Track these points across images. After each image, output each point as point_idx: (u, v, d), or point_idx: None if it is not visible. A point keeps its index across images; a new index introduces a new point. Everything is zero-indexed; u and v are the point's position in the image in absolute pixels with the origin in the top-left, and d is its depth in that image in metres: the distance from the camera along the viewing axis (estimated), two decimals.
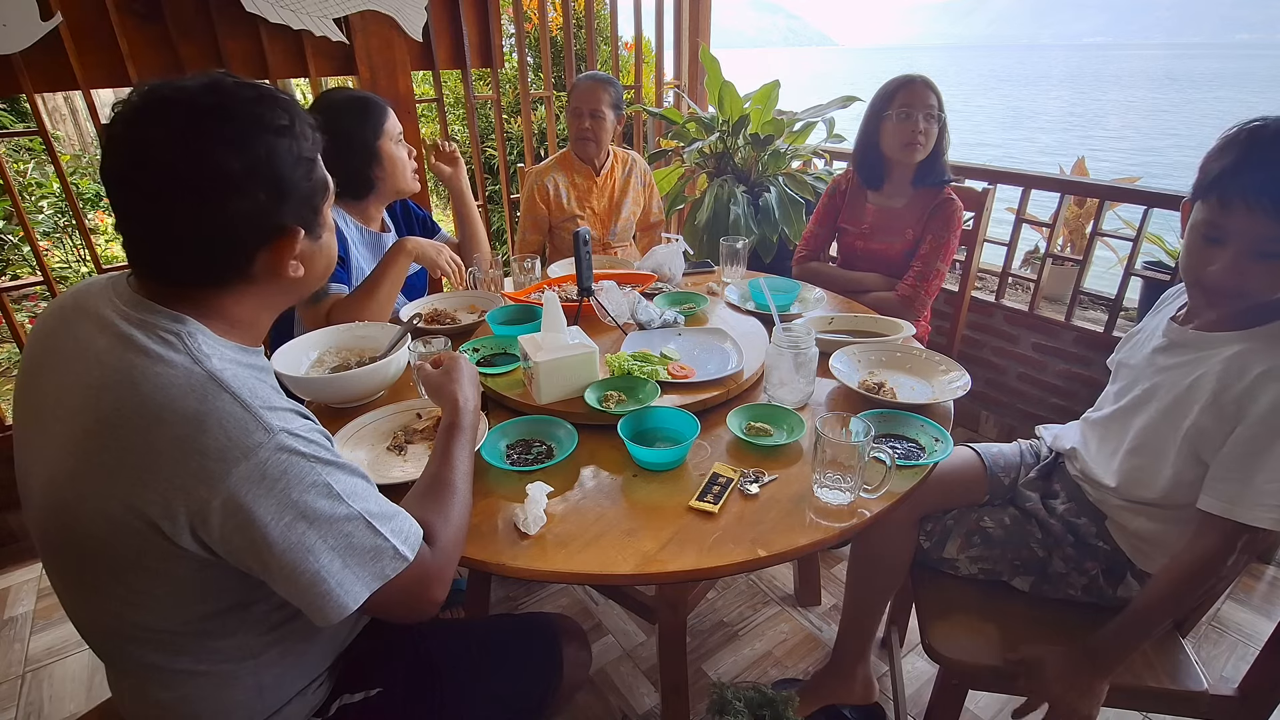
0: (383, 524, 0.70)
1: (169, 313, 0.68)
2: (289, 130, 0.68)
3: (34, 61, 1.68)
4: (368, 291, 1.45)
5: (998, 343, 2.43)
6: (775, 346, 1.15)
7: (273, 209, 0.68)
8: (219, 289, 0.70)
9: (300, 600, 0.67)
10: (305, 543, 0.65)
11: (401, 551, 0.70)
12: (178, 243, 0.66)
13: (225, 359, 0.68)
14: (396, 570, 0.70)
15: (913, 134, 1.71)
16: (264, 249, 0.69)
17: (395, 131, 1.57)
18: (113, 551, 0.66)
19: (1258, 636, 1.64)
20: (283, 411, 0.67)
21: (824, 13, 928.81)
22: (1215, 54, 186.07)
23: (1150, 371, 1.07)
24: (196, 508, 0.62)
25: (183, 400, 0.62)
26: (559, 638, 1.01)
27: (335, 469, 0.68)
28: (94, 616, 0.75)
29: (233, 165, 0.64)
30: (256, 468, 0.62)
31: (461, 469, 0.86)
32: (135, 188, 0.65)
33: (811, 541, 0.89)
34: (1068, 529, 1.16)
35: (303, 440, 0.66)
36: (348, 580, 0.67)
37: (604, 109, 2.07)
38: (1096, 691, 0.97)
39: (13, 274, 3.57)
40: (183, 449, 0.61)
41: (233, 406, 0.63)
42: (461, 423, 0.92)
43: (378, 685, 0.90)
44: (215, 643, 0.74)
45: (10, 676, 1.62)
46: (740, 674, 1.57)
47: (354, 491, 0.69)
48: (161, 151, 0.63)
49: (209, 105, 0.65)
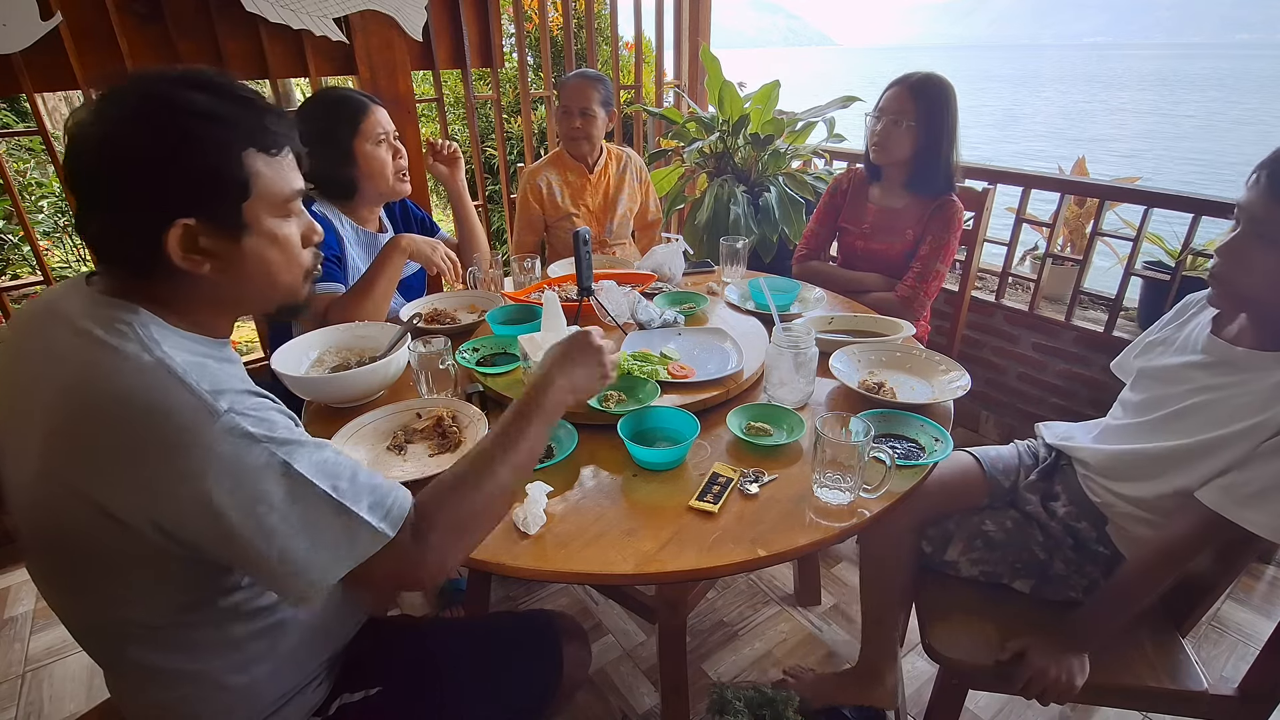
0: (356, 500, 0.66)
1: (122, 304, 0.68)
2: (205, 114, 0.66)
3: (34, 61, 1.67)
4: (363, 290, 1.44)
5: (998, 343, 2.43)
6: (775, 346, 1.15)
7: (161, 192, 0.65)
8: (152, 280, 0.69)
9: (272, 585, 0.67)
10: (266, 525, 0.62)
11: (379, 528, 0.67)
12: (96, 227, 0.67)
13: (178, 346, 0.67)
14: (373, 548, 0.67)
15: (875, 135, 1.74)
16: (164, 235, 0.66)
17: (375, 131, 1.52)
18: (87, 548, 0.66)
19: (1258, 636, 1.64)
20: (233, 394, 0.65)
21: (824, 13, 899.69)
22: (1215, 54, 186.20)
23: (1188, 389, 1.05)
24: (152, 498, 0.61)
25: (135, 391, 0.62)
26: (559, 637, 1.01)
27: (295, 447, 0.65)
28: (79, 616, 0.76)
29: (134, 144, 0.64)
30: (206, 452, 0.61)
31: (503, 457, 0.77)
32: (68, 173, 0.67)
33: (811, 541, 0.89)
34: (1068, 532, 1.16)
35: (253, 420, 0.64)
36: (318, 561, 0.65)
37: (594, 107, 2.07)
38: (1078, 664, 1.01)
39: (12, 274, 3.57)
40: (134, 439, 0.61)
41: (180, 392, 0.62)
42: (531, 406, 0.82)
43: (377, 684, 0.90)
44: (200, 635, 0.73)
45: (10, 676, 1.62)
46: (740, 674, 1.57)
47: (321, 469, 0.66)
48: (83, 133, 0.65)
49: (127, 85, 0.66)
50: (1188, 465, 1.02)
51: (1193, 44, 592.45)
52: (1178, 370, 1.08)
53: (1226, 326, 1.05)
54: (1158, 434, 1.08)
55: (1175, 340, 1.13)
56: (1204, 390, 1.03)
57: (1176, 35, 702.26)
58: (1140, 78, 58.76)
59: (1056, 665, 1.00)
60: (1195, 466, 1.00)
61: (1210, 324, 1.07)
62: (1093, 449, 1.18)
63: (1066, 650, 1.01)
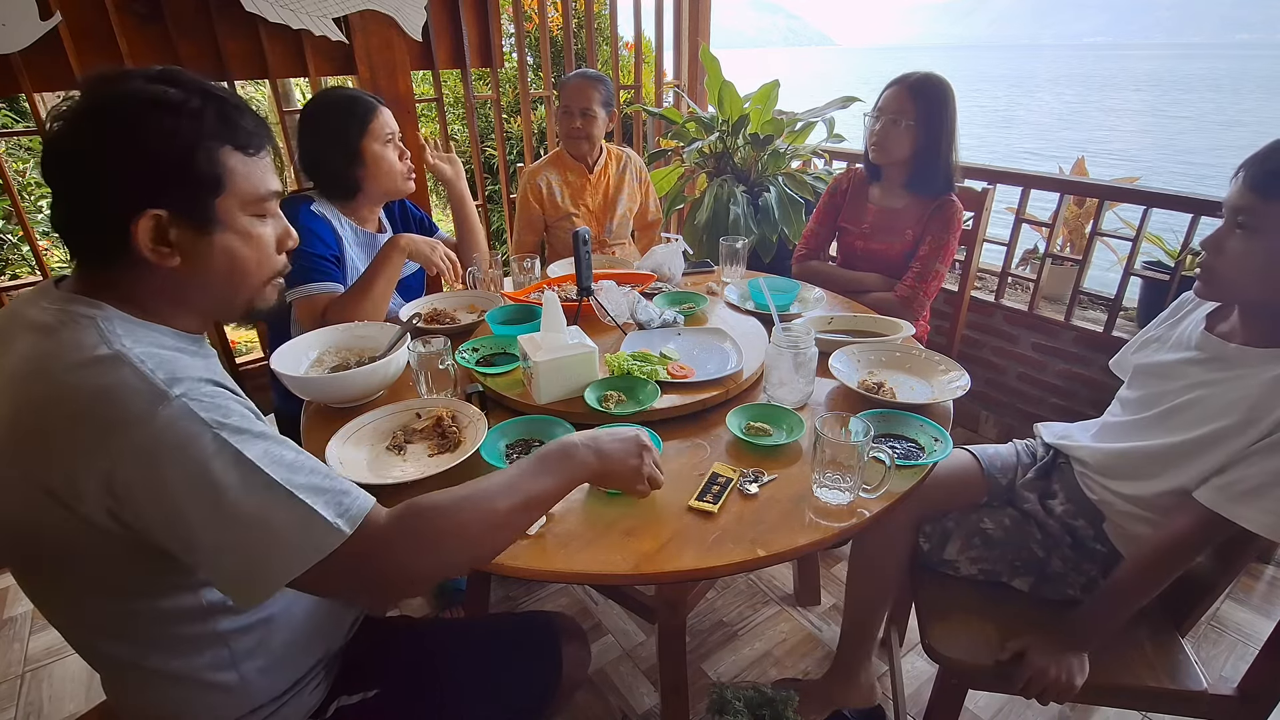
0: (312, 495, 0.64)
1: (87, 300, 0.68)
2: (175, 107, 0.66)
3: (33, 61, 1.67)
4: (362, 290, 1.44)
5: (997, 343, 2.43)
6: (775, 346, 1.15)
7: (130, 183, 0.66)
8: (119, 274, 0.69)
9: (222, 583, 0.64)
10: (217, 514, 0.61)
11: (335, 525, 0.64)
12: (66, 214, 0.68)
13: (142, 340, 0.67)
14: (328, 545, 0.63)
15: (874, 135, 1.74)
16: (133, 225, 0.66)
17: (383, 131, 1.53)
18: (53, 544, 0.66)
19: (1257, 636, 1.64)
20: (190, 381, 0.64)
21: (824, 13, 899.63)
22: (1215, 54, 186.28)
23: (1183, 385, 1.06)
24: (101, 481, 0.61)
25: (85, 378, 0.62)
26: (559, 637, 1.01)
27: (248, 437, 0.64)
28: (61, 613, 0.75)
29: (106, 129, 0.65)
30: (153, 436, 0.60)
31: (504, 488, 0.74)
32: (45, 161, 0.68)
33: (811, 541, 0.89)
34: (1065, 530, 1.16)
35: (205, 405, 0.63)
36: (271, 557, 0.62)
37: (595, 107, 2.07)
38: (1077, 663, 1.01)
39: (12, 274, 3.56)
40: (81, 423, 0.61)
41: (131, 378, 0.62)
42: (553, 456, 0.80)
43: (376, 686, 0.90)
44: (182, 631, 0.73)
45: (10, 676, 1.61)
46: (740, 674, 1.57)
47: (275, 461, 0.64)
48: (61, 120, 0.66)
49: (107, 78, 0.67)
50: (1183, 463, 1.02)
51: (1193, 44, 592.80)
52: (1173, 366, 1.09)
53: (1220, 323, 1.06)
54: (1154, 431, 1.08)
55: (1171, 337, 1.14)
56: (1198, 386, 1.04)
57: (1176, 35, 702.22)
58: (1138, 78, 58.80)
59: (1056, 665, 1.00)
60: (1191, 464, 1.01)
61: (1204, 320, 1.08)
62: (1090, 447, 1.18)
63: (1066, 650, 1.02)
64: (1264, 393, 0.94)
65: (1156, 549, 0.99)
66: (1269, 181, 0.91)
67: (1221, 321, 1.06)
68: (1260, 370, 0.96)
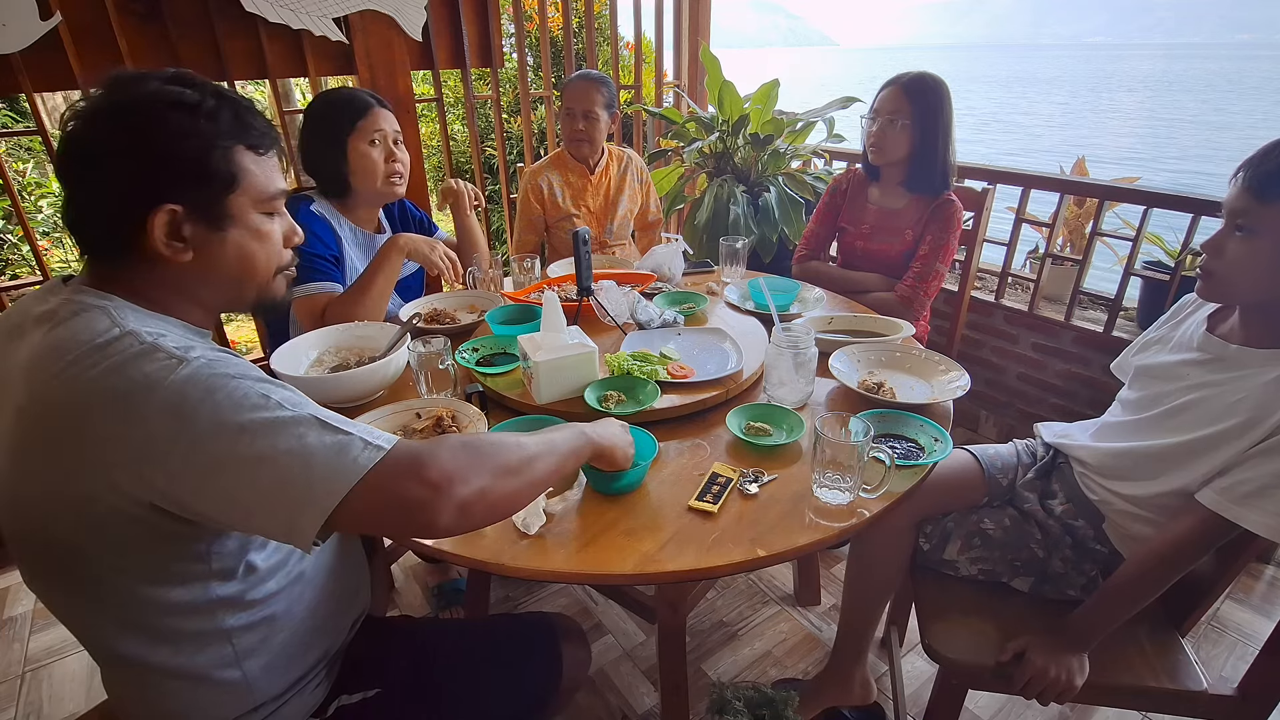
0: (343, 423, 0.65)
1: (96, 292, 0.70)
2: (192, 108, 0.69)
3: (33, 61, 1.67)
4: (361, 289, 1.44)
5: (997, 343, 2.43)
6: (775, 346, 1.15)
7: (148, 178, 0.68)
8: (130, 268, 0.71)
9: (271, 523, 0.63)
10: (255, 451, 0.61)
11: (374, 443, 0.64)
12: (79, 209, 0.70)
13: (153, 326, 0.68)
14: (371, 460, 0.63)
15: (871, 136, 1.74)
16: (148, 220, 0.68)
17: (372, 130, 1.51)
18: (61, 531, 0.67)
19: (1257, 636, 1.64)
20: (203, 346, 0.67)
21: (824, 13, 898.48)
22: (1214, 55, 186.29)
23: (1184, 386, 1.06)
24: (131, 451, 0.61)
25: (103, 358, 0.63)
26: (559, 637, 1.01)
27: (268, 384, 0.65)
28: (68, 611, 0.76)
29: (117, 129, 0.67)
30: (177, 392, 0.61)
31: (530, 437, 0.76)
32: (61, 154, 0.69)
33: (811, 541, 0.89)
34: (1065, 530, 1.16)
35: (223, 362, 0.65)
36: (316, 484, 0.61)
37: (597, 109, 2.06)
38: (1077, 664, 1.02)
39: (12, 274, 3.56)
40: (104, 400, 0.62)
41: (148, 349, 0.64)
42: (578, 425, 0.87)
43: (376, 686, 0.90)
44: (188, 627, 0.73)
45: (10, 676, 1.62)
46: (740, 674, 1.57)
47: (298, 401, 0.65)
48: (80, 115, 0.68)
49: (127, 78, 0.69)
50: (1183, 463, 1.02)
51: (1193, 44, 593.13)
52: (1173, 367, 1.09)
53: (1221, 324, 1.06)
54: (1154, 431, 1.08)
55: (1172, 338, 1.14)
56: (1199, 387, 1.04)
57: (1176, 35, 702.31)
58: (1137, 78, 58.81)
59: (1056, 665, 1.00)
60: (1191, 465, 1.01)
61: (1205, 321, 1.08)
62: (1090, 447, 1.18)
63: (1066, 650, 1.02)
64: (1265, 394, 0.94)
65: (1159, 550, 0.99)
66: (1266, 183, 0.91)
67: (1222, 322, 1.06)
68: (1261, 371, 0.96)
